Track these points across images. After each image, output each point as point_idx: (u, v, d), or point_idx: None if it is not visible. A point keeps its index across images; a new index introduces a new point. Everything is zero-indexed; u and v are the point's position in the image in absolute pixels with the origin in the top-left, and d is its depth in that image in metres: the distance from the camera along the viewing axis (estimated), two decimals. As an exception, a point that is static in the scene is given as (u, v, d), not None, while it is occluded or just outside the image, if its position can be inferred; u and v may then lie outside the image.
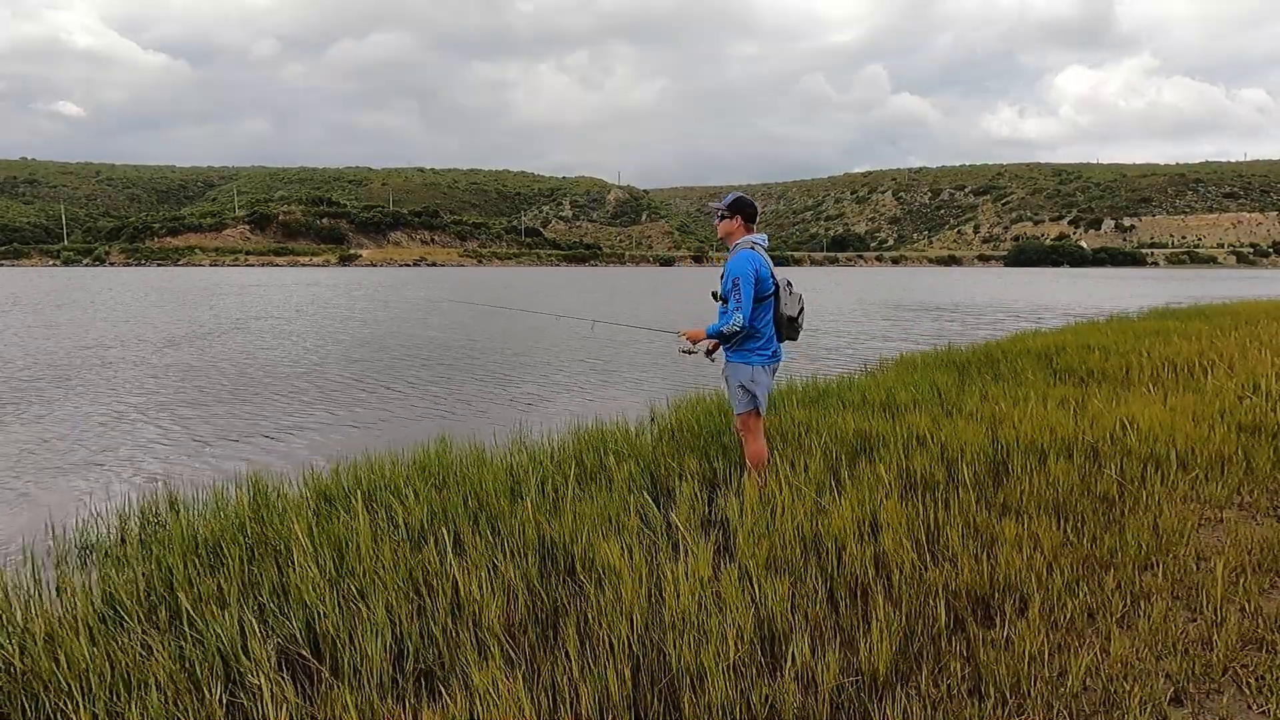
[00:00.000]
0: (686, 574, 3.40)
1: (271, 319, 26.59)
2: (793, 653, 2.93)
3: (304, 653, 3.03)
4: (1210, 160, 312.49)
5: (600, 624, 3.10)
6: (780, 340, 4.89)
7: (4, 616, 3.27)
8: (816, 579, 3.50)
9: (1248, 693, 2.86)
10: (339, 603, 3.25)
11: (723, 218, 4.89)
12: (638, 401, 10.35)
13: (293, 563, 3.65)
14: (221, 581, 3.53)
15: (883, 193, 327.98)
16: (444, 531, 3.99)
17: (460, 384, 12.82)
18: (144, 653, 2.94)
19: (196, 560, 3.85)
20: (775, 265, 4.89)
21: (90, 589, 3.58)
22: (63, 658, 2.88)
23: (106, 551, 4.48)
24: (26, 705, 2.77)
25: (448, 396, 11.69)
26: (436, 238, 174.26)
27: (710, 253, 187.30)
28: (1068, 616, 3.28)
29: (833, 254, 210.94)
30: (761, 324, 4.77)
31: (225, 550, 3.88)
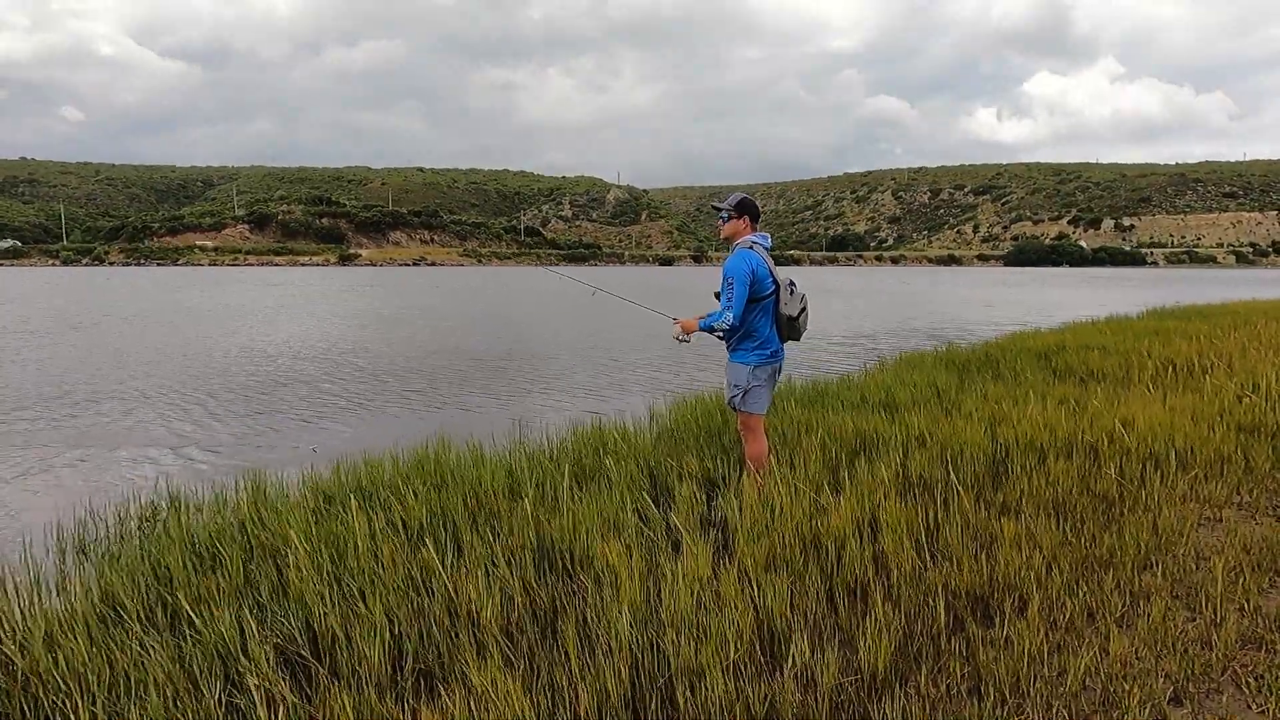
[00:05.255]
0: (685, 574, 3.39)
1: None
2: (792, 652, 2.93)
3: (303, 653, 3.03)
4: (1209, 160, 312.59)
5: (599, 624, 3.10)
6: (782, 340, 4.88)
7: (4, 616, 3.26)
8: (816, 578, 3.50)
9: (1247, 692, 2.86)
10: (337, 603, 3.25)
11: (728, 218, 4.88)
12: (637, 401, 10.34)
13: (292, 563, 3.64)
14: (220, 581, 3.53)
15: (882, 192, 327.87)
16: (443, 531, 3.99)
17: (461, 381, 12.82)
18: (143, 653, 2.94)
19: (195, 560, 3.84)
20: (775, 265, 4.88)
21: (90, 588, 3.58)
22: (62, 657, 2.87)
23: (106, 551, 4.48)
24: (26, 705, 2.77)
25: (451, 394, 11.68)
26: (436, 237, 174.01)
27: (710, 252, 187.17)
28: (1067, 616, 3.28)
29: (832, 253, 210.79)
30: (759, 324, 4.76)
31: (224, 550, 3.88)
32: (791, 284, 4.83)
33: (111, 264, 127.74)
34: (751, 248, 4.75)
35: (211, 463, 7.83)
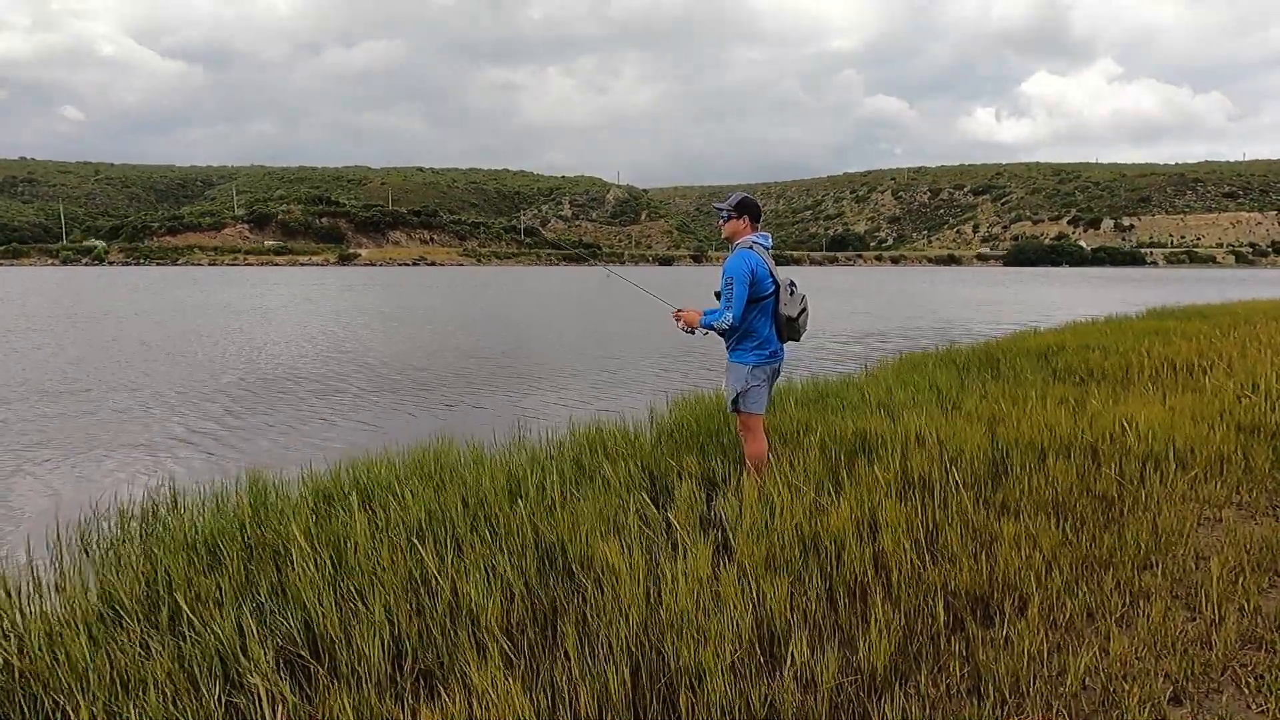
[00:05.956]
0: (685, 573, 3.39)
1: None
2: (792, 652, 2.93)
3: (302, 653, 3.03)
4: (1209, 160, 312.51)
5: (599, 624, 3.10)
6: (781, 340, 4.88)
7: (4, 615, 3.26)
8: (815, 578, 3.50)
9: (1247, 692, 2.86)
10: (337, 603, 3.25)
11: (728, 218, 4.88)
12: (638, 401, 10.34)
13: (291, 563, 3.64)
14: (220, 581, 3.53)
15: (882, 192, 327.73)
16: (442, 531, 3.99)
17: (464, 380, 12.82)
18: (143, 653, 2.94)
19: (195, 560, 3.84)
20: (775, 265, 4.88)
21: (89, 588, 3.58)
22: (62, 657, 2.88)
23: (106, 551, 4.48)
24: (25, 705, 2.77)
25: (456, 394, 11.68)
26: (435, 237, 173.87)
27: (710, 252, 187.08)
28: (1067, 616, 3.28)
29: (831, 254, 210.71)
30: (758, 324, 4.76)
31: (224, 550, 3.88)
32: (791, 284, 4.83)
33: (111, 264, 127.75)
34: (752, 248, 4.75)
35: (211, 462, 7.83)
